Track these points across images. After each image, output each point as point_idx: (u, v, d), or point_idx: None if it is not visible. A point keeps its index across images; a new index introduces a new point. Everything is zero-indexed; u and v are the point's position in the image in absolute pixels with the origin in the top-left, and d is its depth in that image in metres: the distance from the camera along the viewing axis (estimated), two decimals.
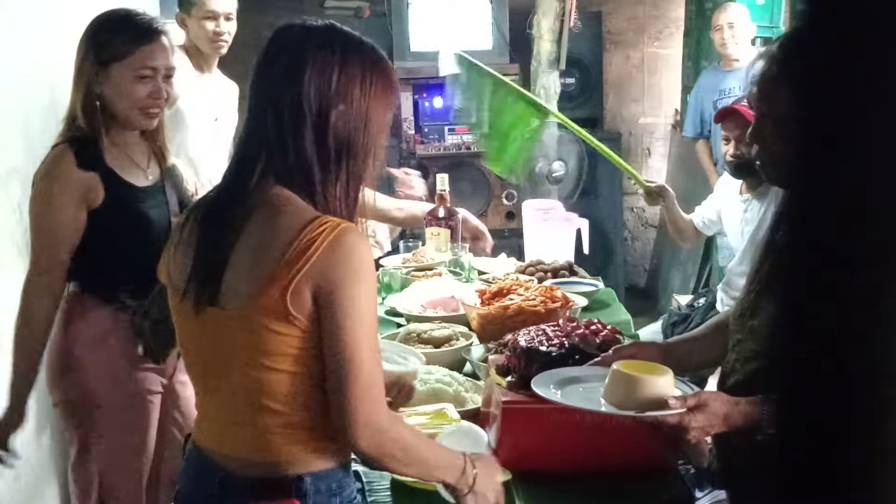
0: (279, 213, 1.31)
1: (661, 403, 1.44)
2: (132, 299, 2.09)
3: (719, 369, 1.73)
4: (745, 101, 2.40)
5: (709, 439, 1.59)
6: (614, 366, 1.53)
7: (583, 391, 1.57)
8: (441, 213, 3.01)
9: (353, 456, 1.41)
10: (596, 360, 1.68)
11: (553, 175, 4.76)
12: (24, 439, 2.13)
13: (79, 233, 2.05)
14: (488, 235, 3.15)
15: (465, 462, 1.42)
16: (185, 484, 1.45)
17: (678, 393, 1.48)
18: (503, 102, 2.91)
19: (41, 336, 2.04)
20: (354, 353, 1.28)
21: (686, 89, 5.18)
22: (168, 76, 2.12)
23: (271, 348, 1.29)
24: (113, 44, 2.05)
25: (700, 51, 5.16)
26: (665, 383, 1.48)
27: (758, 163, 1.61)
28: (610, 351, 1.69)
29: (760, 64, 1.55)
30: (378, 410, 1.31)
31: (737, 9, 4.44)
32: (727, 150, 2.95)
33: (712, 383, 1.87)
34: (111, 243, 2.08)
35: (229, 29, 2.98)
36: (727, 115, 2.92)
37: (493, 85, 2.91)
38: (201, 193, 2.39)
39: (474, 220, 3.13)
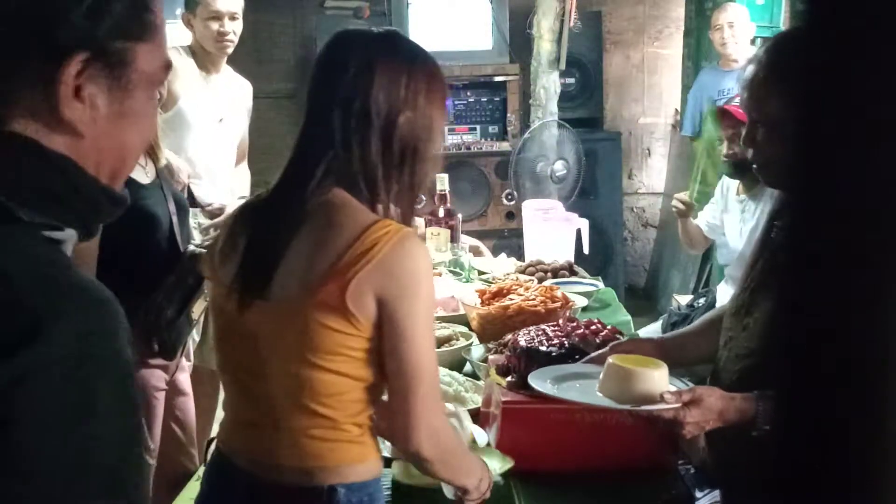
0: (339, 213, 1.31)
1: (657, 397, 1.45)
2: (139, 296, 2.09)
3: None
4: (738, 100, 2.41)
5: (703, 435, 1.59)
6: (610, 359, 1.53)
7: (579, 387, 1.57)
8: (441, 213, 3.01)
9: None
10: (592, 355, 1.68)
11: (556, 175, 4.76)
12: None
13: None
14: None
15: (484, 470, 1.45)
16: (207, 490, 1.43)
17: (673, 387, 1.49)
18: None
19: None
20: (419, 359, 1.28)
21: (686, 89, 5.18)
22: None
23: (321, 344, 1.27)
24: None
25: (700, 51, 5.17)
26: (660, 377, 1.49)
27: (754, 166, 1.61)
28: (607, 348, 1.69)
29: (750, 68, 1.55)
30: (439, 414, 1.33)
31: (736, 9, 4.44)
32: (720, 149, 2.97)
33: None
34: (119, 240, 2.07)
35: (234, 29, 2.98)
36: (719, 116, 2.94)
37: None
38: (196, 185, 2.40)
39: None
